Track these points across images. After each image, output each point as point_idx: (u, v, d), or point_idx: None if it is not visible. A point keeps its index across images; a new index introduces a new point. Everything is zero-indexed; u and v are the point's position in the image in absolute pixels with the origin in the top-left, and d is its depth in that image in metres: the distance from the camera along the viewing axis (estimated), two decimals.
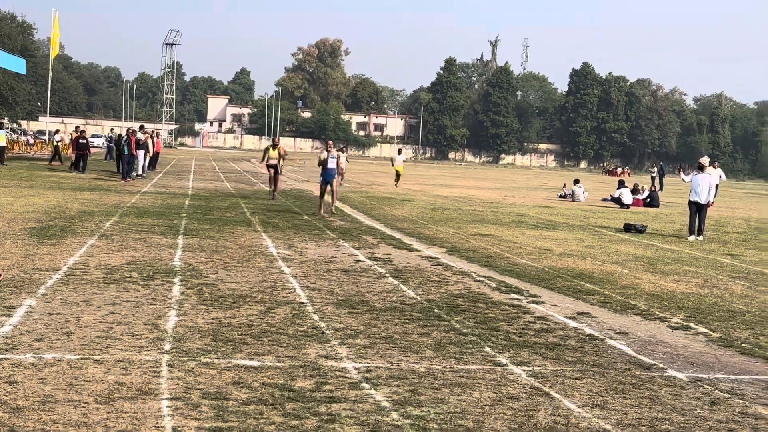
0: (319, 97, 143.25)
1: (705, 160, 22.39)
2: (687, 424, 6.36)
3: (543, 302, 11.21)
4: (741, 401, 7.09)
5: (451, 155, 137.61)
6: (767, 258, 18.25)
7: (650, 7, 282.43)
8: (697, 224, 21.20)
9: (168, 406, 5.97)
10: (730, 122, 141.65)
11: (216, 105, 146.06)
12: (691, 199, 21.29)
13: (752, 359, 8.70)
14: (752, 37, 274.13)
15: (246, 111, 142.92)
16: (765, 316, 11.12)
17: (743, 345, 9.32)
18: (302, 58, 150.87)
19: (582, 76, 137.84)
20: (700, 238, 21.09)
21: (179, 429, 5.51)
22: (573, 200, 37.17)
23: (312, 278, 11.94)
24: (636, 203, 35.07)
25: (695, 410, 6.74)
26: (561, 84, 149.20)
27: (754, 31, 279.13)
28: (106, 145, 63.69)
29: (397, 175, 41.44)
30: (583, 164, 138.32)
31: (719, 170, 33.10)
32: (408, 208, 27.00)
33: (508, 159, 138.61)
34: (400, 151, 44.89)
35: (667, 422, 6.39)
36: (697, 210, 21.18)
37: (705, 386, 7.51)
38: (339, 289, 11.17)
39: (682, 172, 27.61)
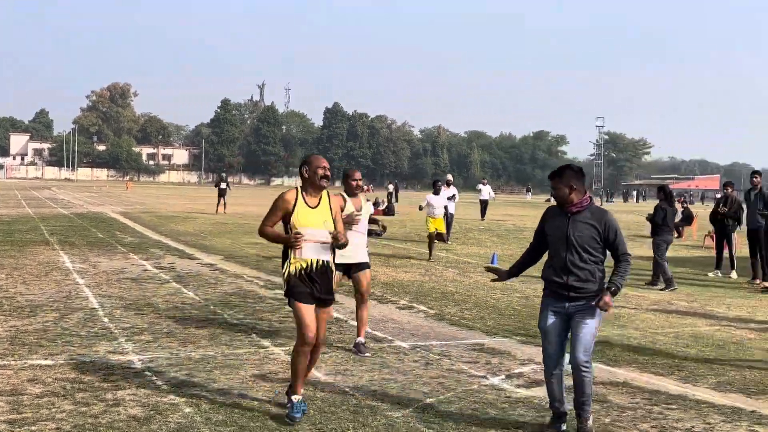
0: (113, 132, 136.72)
1: (443, 179, 22.69)
2: (407, 381, 6.68)
3: None
4: (449, 361, 7.51)
5: (230, 179, 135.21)
6: (471, 251, 19.38)
7: (383, 56, 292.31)
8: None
9: None
10: (447, 148, 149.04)
11: (18, 141, 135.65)
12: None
13: (458, 329, 9.23)
14: (461, 80, 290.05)
15: (46, 146, 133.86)
16: (468, 295, 11.82)
17: (452, 318, 9.87)
18: (96, 99, 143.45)
19: (333, 113, 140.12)
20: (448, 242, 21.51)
21: None
22: None
23: (104, 287, 11.42)
24: (376, 213, 36.13)
25: (414, 370, 7.08)
26: (317, 119, 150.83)
27: (460, 77, 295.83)
28: None
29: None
30: (337, 183, 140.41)
31: (488, 187, 34.91)
32: (191, 224, 26.37)
33: (278, 181, 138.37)
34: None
35: (393, 381, 6.68)
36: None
37: (422, 351, 7.89)
38: (128, 295, 10.75)
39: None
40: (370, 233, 10.94)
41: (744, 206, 15.60)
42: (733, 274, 15.53)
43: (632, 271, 14.47)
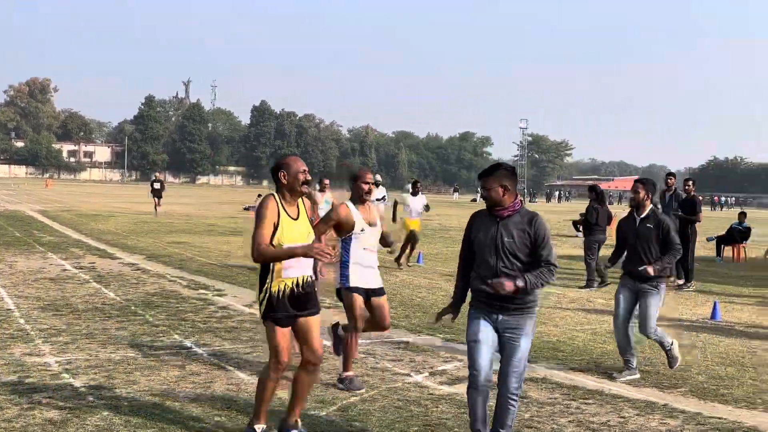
0: (32, 128, 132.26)
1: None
2: (331, 380, 6.64)
3: (226, 295, 11.21)
4: (373, 359, 7.54)
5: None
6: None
7: (311, 55, 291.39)
8: None
9: None
10: (375, 147, 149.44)
11: None
12: None
13: None
14: (389, 81, 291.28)
15: None
16: (394, 294, 11.81)
17: None
18: (14, 95, 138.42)
19: (261, 111, 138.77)
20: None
21: None
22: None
23: (20, 287, 11.06)
24: None
25: (338, 369, 7.03)
26: (244, 117, 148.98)
27: (388, 77, 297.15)
28: None
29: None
30: (265, 182, 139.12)
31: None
32: (113, 223, 25.77)
33: (203, 179, 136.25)
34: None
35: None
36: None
37: None
38: (45, 295, 10.44)
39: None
40: None
41: (659, 207, 16.10)
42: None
43: (567, 272, 14.82)
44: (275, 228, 4.79)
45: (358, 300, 6.48)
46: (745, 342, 9.19)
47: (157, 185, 32.90)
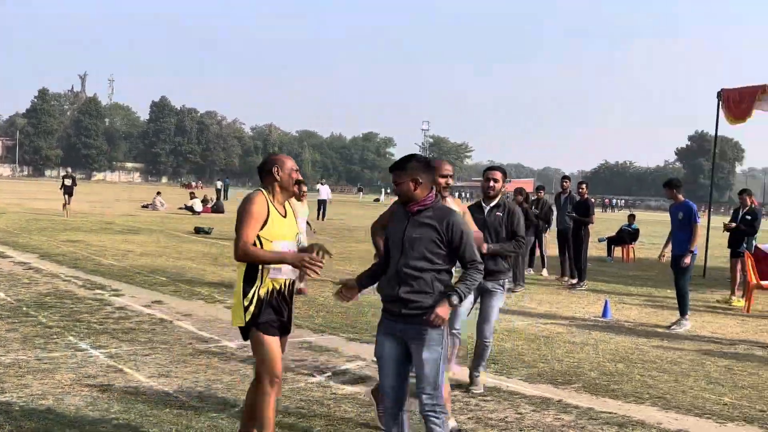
0: None
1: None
2: (233, 381, 6.58)
3: (123, 295, 10.89)
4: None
5: (48, 173, 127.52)
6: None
7: (214, 51, 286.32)
8: None
9: None
10: (278, 146, 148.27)
11: None
12: None
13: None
14: (293, 80, 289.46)
15: None
16: (298, 295, 11.79)
17: None
18: None
19: (161, 107, 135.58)
20: None
21: None
22: (154, 209, 36.46)
23: None
24: (205, 210, 35.35)
25: (241, 370, 6.98)
26: (143, 113, 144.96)
27: (292, 76, 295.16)
28: None
29: None
30: (164, 179, 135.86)
31: (326, 187, 36.55)
32: (3, 220, 24.61)
33: (99, 176, 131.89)
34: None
35: (218, 381, 6.56)
36: None
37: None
38: None
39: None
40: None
41: (554, 208, 16.61)
42: (544, 272, 16.51)
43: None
44: (264, 223, 4.49)
45: None
46: (634, 339, 9.59)
47: (68, 181, 31.42)
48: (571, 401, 6.51)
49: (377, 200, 76.15)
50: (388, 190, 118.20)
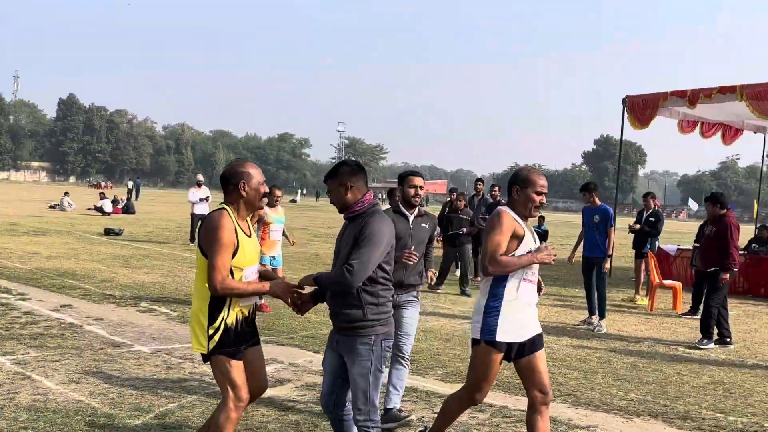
0: None
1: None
2: (148, 387, 6.42)
3: (30, 299, 10.49)
4: (191, 364, 7.33)
5: None
6: None
7: (124, 48, 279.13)
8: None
9: None
10: (192, 146, 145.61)
11: None
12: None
13: None
14: (206, 79, 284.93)
15: None
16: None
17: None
18: None
19: (69, 105, 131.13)
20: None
21: None
22: (62, 210, 35.24)
23: None
24: (116, 211, 34.37)
25: (155, 375, 6.83)
26: (50, 111, 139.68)
27: (205, 75, 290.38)
28: None
29: None
30: (72, 179, 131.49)
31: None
32: None
33: (3, 175, 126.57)
34: None
35: (132, 387, 6.39)
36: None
37: (164, 355, 7.64)
38: None
39: None
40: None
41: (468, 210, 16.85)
42: (458, 272, 16.72)
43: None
44: (236, 250, 4.05)
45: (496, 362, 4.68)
46: (545, 337, 9.81)
47: None
48: (486, 400, 6.62)
49: (293, 201, 75.64)
50: (304, 191, 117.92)
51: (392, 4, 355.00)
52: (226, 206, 4.15)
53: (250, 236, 4.21)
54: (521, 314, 4.61)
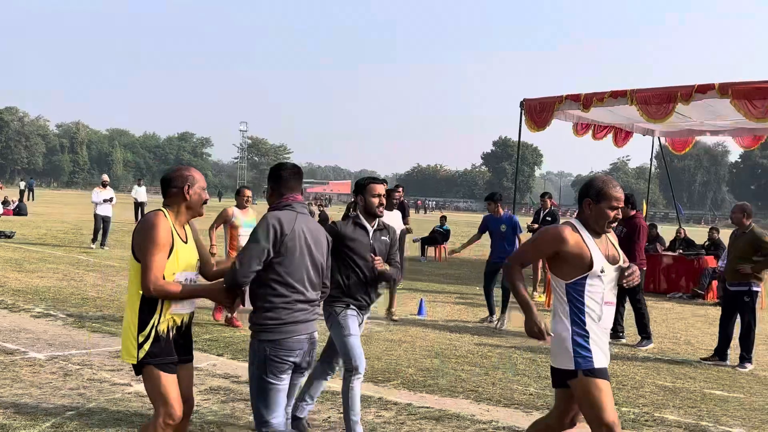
0: None
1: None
2: (44, 395, 6.19)
3: None
4: (90, 370, 7.11)
5: None
6: (115, 254, 18.52)
7: (15, 43, 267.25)
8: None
9: None
10: (87, 145, 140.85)
11: None
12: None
13: (101, 336, 8.76)
14: (103, 76, 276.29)
15: None
16: (111, 300, 11.29)
17: (93, 325, 9.34)
18: None
19: None
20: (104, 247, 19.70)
21: None
22: None
23: None
24: (6, 213, 32.85)
25: (52, 382, 6.59)
26: None
27: (102, 72, 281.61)
28: None
29: None
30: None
31: (143, 188, 31.25)
32: None
33: None
34: None
35: (27, 396, 6.15)
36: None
37: (61, 362, 7.37)
38: None
39: None
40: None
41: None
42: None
43: None
44: (170, 253, 3.89)
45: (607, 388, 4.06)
46: (447, 335, 10.01)
47: None
48: (390, 398, 6.69)
49: (205, 202, 73.95)
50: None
51: (290, 2, 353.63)
52: (163, 209, 4.02)
53: (186, 242, 4.04)
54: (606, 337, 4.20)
